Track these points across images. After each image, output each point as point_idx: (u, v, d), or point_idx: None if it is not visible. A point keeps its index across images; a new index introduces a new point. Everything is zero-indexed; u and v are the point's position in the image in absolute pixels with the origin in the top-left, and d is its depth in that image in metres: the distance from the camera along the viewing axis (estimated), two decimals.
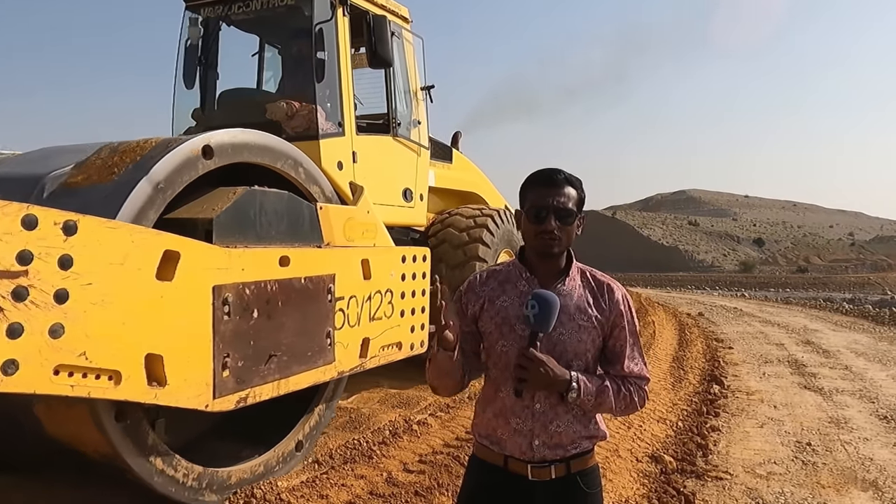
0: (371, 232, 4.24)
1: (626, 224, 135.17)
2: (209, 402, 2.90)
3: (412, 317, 4.43)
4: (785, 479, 4.46)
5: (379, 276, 4.04)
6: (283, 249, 3.34)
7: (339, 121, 5.13)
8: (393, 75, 5.89)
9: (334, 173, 4.86)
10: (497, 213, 7.04)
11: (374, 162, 5.47)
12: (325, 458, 4.19)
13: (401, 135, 5.94)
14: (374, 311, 4.02)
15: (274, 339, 3.24)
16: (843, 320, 16.81)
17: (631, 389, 1.79)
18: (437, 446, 4.54)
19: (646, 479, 4.31)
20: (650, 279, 67.05)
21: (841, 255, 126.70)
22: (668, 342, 11.00)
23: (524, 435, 1.75)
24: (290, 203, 3.66)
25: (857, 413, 6.38)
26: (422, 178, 6.32)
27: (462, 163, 7.83)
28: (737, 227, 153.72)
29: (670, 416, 5.96)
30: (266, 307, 3.19)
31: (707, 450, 5.01)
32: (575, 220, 1.76)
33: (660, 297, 27.02)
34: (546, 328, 1.67)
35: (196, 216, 3.19)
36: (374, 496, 3.66)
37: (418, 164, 6.24)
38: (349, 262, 3.85)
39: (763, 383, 7.79)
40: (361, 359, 3.93)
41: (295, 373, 3.38)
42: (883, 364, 9.38)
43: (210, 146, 3.23)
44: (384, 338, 4.13)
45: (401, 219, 5.98)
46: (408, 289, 4.35)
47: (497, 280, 1.86)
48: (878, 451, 5.16)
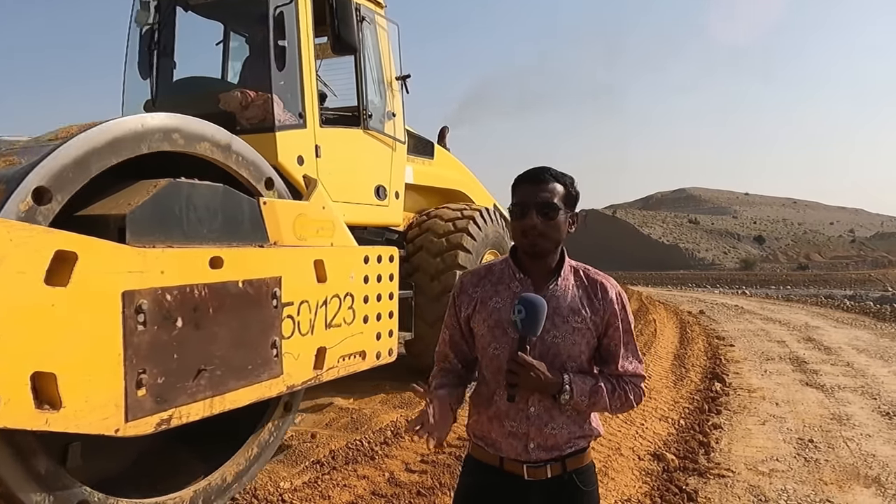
0: (327, 230, 3.84)
1: (627, 223, 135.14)
2: (120, 426, 2.49)
3: (377, 323, 4.06)
4: (787, 477, 4.46)
5: (336, 279, 3.67)
6: (215, 249, 2.94)
7: (300, 111, 4.74)
8: (363, 63, 5.49)
9: (294, 168, 4.53)
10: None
11: (342, 157, 5.12)
12: (327, 458, 4.19)
13: (372, 128, 5.53)
14: (330, 317, 3.63)
15: (204, 352, 2.83)
16: (845, 317, 16.81)
17: (626, 388, 1.77)
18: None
19: (648, 477, 4.31)
20: (651, 277, 67.04)
21: (842, 251, 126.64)
22: (669, 340, 11.00)
23: (519, 437, 1.75)
24: (227, 197, 3.21)
25: (859, 409, 6.37)
26: (397, 175, 5.90)
27: (445, 159, 7.44)
28: (737, 225, 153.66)
29: (672, 414, 5.96)
30: (193, 315, 2.77)
31: (709, 447, 5.01)
32: (559, 216, 1.74)
33: (661, 295, 27.02)
34: (534, 332, 1.66)
35: (108, 212, 2.77)
36: (376, 496, 3.66)
37: (393, 160, 5.83)
38: (299, 263, 3.46)
39: (765, 380, 7.79)
40: (317, 370, 3.54)
41: (232, 388, 2.98)
42: (885, 360, 9.38)
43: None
44: (344, 347, 3.74)
45: (373, 218, 5.62)
46: (372, 292, 4.00)
47: (490, 281, 1.84)
48: (880, 447, 5.15)
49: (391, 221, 5.95)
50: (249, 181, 3.48)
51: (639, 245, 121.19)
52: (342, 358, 3.75)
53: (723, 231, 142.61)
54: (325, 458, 4.18)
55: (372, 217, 5.57)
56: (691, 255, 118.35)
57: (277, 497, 3.56)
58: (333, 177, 4.85)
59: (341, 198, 4.91)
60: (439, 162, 7.19)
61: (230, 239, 3.16)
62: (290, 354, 3.34)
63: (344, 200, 4.96)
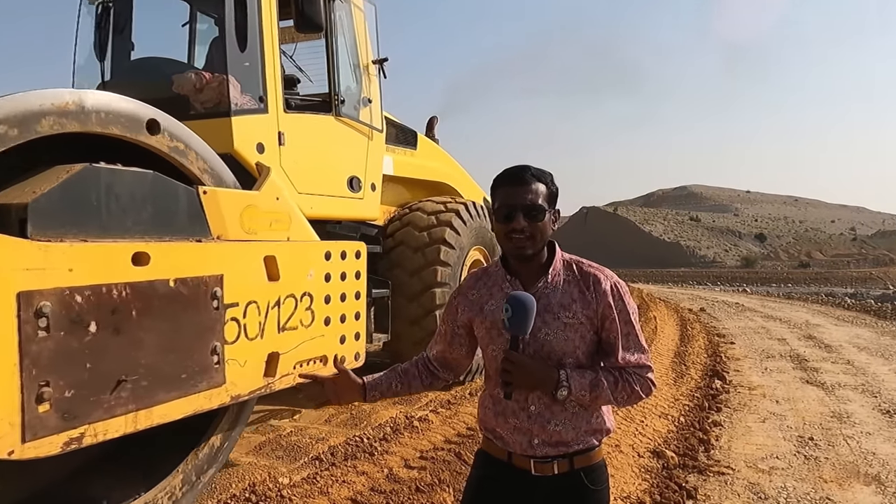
0: (282, 223, 3.50)
1: (628, 220, 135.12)
2: (15, 447, 2.17)
3: (341, 325, 3.74)
4: (787, 474, 4.45)
5: (292, 277, 3.36)
6: (140, 244, 2.62)
7: (261, 95, 4.39)
8: (335, 45, 5.11)
9: (253, 156, 4.20)
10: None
11: (310, 145, 4.76)
12: (326, 454, 4.18)
13: (345, 114, 5.13)
14: (285, 319, 3.31)
15: (126, 360, 2.51)
16: (845, 315, 16.80)
17: (630, 380, 1.74)
18: (438, 442, 4.53)
19: (648, 474, 4.30)
20: (652, 275, 67.00)
21: (843, 249, 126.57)
22: (669, 338, 10.99)
23: (524, 433, 1.75)
24: (158, 185, 2.83)
25: (860, 407, 6.36)
26: (374, 165, 5.51)
27: (429, 149, 7.04)
28: (738, 223, 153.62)
29: (672, 411, 5.95)
30: (112, 319, 2.46)
31: (709, 445, 5.00)
32: (545, 217, 1.73)
33: (661, 292, 27.03)
34: (523, 331, 1.65)
35: (8, 202, 2.42)
36: (375, 492, 3.66)
37: (369, 149, 5.43)
38: (246, 259, 3.11)
39: (765, 378, 7.78)
40: (268, 378, 3.22)
41: (162, 401, 2.67)
42: (885, 358, 9.37)
43: None
44: (301, 351, 3.43)
45: (346, 211, 5.23)
46: (335, 292, 3.68)
47: (486, 284, 1.85)
48: (880, 445, 5.14)
49: (367, 215, 5.58)
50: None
51: (640, 242, 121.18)
52: (299, 364, 3.41)
53: (724, 229, 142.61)
54: (324, 454, 4.17)
55: (345, 210, 5.22)
56: (692, 253, 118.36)
57: (276, 493, 3.55)
58: (300, 166, 4.55)
59: (309, 189, 4.62)
60: (423, 152, 6.82)
61: (162, 232, 2.82)
62: (235, 361, 3.01)
63: (312, 192, 4.67)
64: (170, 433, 2.84)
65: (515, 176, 1.74)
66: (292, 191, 4.39)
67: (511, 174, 1.76)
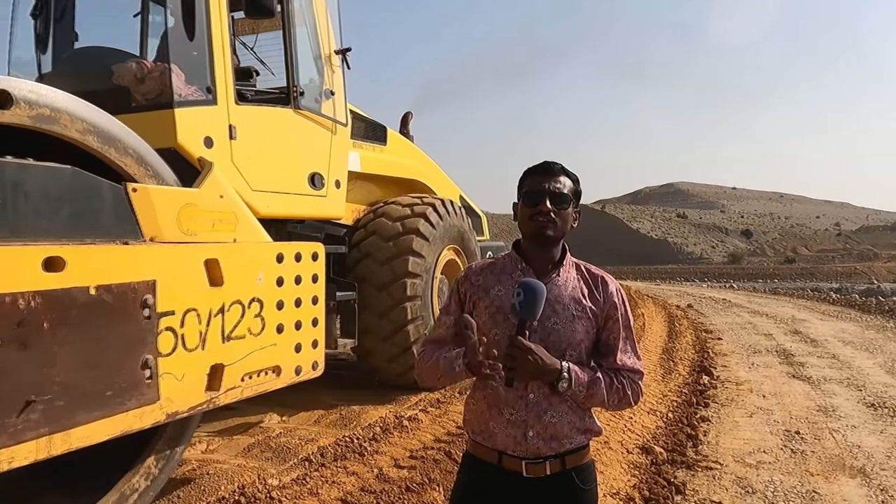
0: (227, 223, 3.25)
1: (616, 217, 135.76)
2: None
3: (297, 332, 3.49)
4: (774, 468, 4.49)
5: (237, 282, 3.11)
6: (54, 247, 2.34)
7: (208, 86, 4.08)
8: (293, 34, 4.82)
9: (200, 151, 3.90)
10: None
11: (266, 139, 4.49)
12: (315, 455, 4.17)
13: (305, 107, 4.84)
14: (230, 328, 3.06)
15: (36, 378, 2.25)
16: (831, 310, 16.97)
17: (624, 383, 1.78)
18: (428, 442, 4.53)
19: (636, 470, 4.32)
20: (640, 272, 67.35)
21: (828, 245, 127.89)
22: (657, 334, 11.05)
23: (518, 426, 1.74)
24: (77, 182, 2.57)
25: (845, 401, 6.43)
26: (338, 161, 5.20)
27: (401, 145, 6.76)
28: (725, 219, 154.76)
29: (660, 407, 5.99)
30: (17, 332, 2.19)
31: (697, 440, 5.04)
32: (570, 207, 1.79)
33: (649, 289, 27.17)
34: (533, 316, 1.67)
35: None
36: (365, 492, 3.65)
37: (333, 144, 5.13)
38: (183, 263, 2.85)
39: (752, 373, 7.85)
40: (211, 392, 2.97)
41: (83, 422, 2.41)
42: (870, 352, 9.48)
43: None
44: (250, 362, 3.18)
45: (308, 210, 4.93)
46: (288, 297, 3.44)
47: (493, 272, 1.87)
48: (865, 438, 5.20)
49: (331, 213, 5.25)
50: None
51: (628, 240, 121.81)
52: (248, 376, 3.18)
53: (711, 225, 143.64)
54: (313, 455, 4.16)
55: (306, 209, 4.91)
56: (680, 250, 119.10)
57: (265, 494, 3.54)
58: (254, 162, 4.28)
59: (264, 186, 4.37)
60: (393, 149, 6.53)
61: (84, 234, 2.56)
62: (171, 375, 2.76)
63: (268, 189, 4.41)
64: (104, 453, 2.63)
65: (545, 167, 1.83)
66: (245, 188, 4.16)
67: (542, 165, 1.84)
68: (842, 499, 3.98)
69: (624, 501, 3.81)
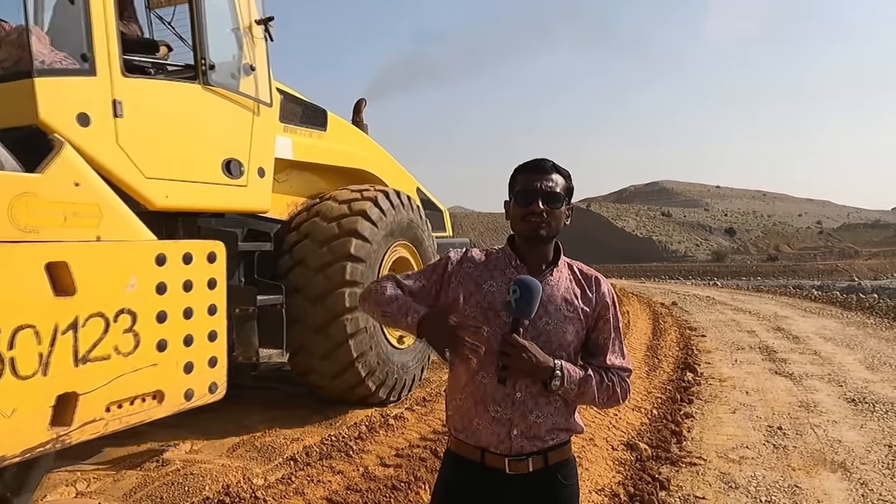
0: (85, 217, 2.73)
1: (601, 216, 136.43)
2: None
3: (186, 349, 3.00)
4: (757, 463, 4.54)
5: (98, 290, 2.60)
6: None
7: (84, 52, 3.43)
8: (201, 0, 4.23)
9: (72, 131, 3.25)
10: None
11: (164, 118, 3.90)
12: (300, 454, 4.15)
13: (218, 83, 4.22)
14: (87, 347, 2.55)
15: None
16: (813, 307, 17.18)
17: (613, 380, 1.79)
18: (414, 440, 4.53)
19: (621, 466, 4.35)
20: (625, 270, 67.76)
21: (810, 243, 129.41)
22: (642, 331, 11.13)
23: (502, 424, 1.74)
24: None
25: (826, 397, 6.52)
26: (262, 147, 4.57)
27: (344, 132, 6.09)
28: (709, 218, 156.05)
29: (645, 404, 6.03)
30: None
31: (681, 436, 5.08)
32: (562, 206, 1.78)
33: (634, 287, 27.34)
34: (528, 314, 1.66)
35: None
36: (351, 491, 3.64)
37: (255, 127, 4.51)
38: (13, 268, 2.36)
39: (735, 370, 7.92)
40: (58, 429, 2.46)
41: None
42: (850, 348, 9.60)
43: None
44: (118, 388, 2.67)
45: (222, 201, 4.31)
46: (174, 306, 2.94)
47: (486, 265, 1.85)
48: (846, 433, 5.27)
49: (253, 206, 4.62)
50: None
51: (613, 238, 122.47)
52: (115, 405, 2.66)
53: (695, 223, 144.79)
54: (298, 454, 4.14)
55: (219, 200, 4.28)
56: (664, 248, 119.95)
57: (250, 494, 3.52)
58: (148, 144, 3.71)
59: (161, 173, 3.79)
60: (335, 135, 5.83)
61: None
62: None
63: (166, 177, 3.82)
64: None
65: (537, 165, 1.81)
66: (136, 175, 3.59)
67: (533, 163, 1.82)
68: (823, 493, 4.03)
69: (609, 498, 3.83)
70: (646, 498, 3.81)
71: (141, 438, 4.26)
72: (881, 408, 6.03)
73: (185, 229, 4.18)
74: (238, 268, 4.61)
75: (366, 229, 5.02)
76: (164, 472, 3.76)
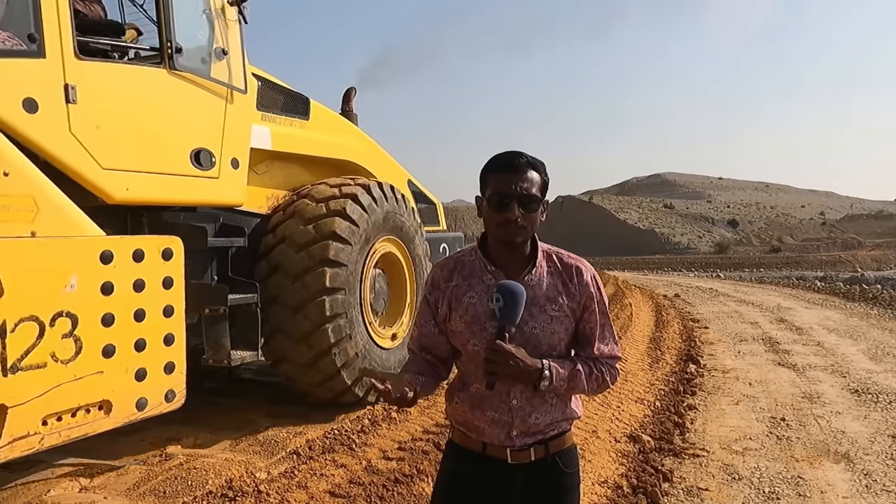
0: (18, 211, 2.55)
1: (603, 208, 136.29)
2: None
3: (138, 355, 2.83)
4: (760, 455, 4.54)
5: (31, 291, 2.42)
6: None
7: (31, 32, 3.18)
8: None
9: (15, 117, 3.01)
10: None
11: (126, 106, 3.63)
12: (303, 448, 4.15)
13: (186, 68, 3.94)
14: (17, 355, 2.36)
15: None
16: (816, 298, 17.15)
17: (603, 370, 1.78)
18: (417, 433, 4.53)
19: (624, 458, 4.35)
20: (627, 262, 67.71)
21: (813, 234, 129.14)
22: (645, 323, 11.12)
23: (502, 426, 1.74)
24: None
25: (829, 388, 6.50)
26: (236, 136, 4.28)
27: (329, 121, 5.74)
28: (711, 209, 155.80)
29: (648, 396, 6.02)
30: None
31: (684, 428, 5.08)
32: (539, 207, 1.70)
33: (637, 279, 27.32)
34: (513, 320, 1.62)
35: None
36: (353, 484, 3.64)
37: (228, 115, 4.24)
38: None
39: (738, 361, 7.92)
40: None
41: None
42: (854, 339, 9.59)
43: None
44: (56, 399, 2.48)
45: (191, 194, 4.04)
46: (123, 308, 2.77)
47: (461, 274, 1.79)
48: (849, 423, 5.26)
49: (225, 199, 4.31)
50: None
51: (615, 230, 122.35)
52: (54, 417, 2.47)
53: (697, 215, 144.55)
54: (301, 448, 4.15)
55: (188, 193, 4.01)
56: (667, 240, 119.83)
57: (253, 488, 3.52)
58: (106, 133, 3.44)
59: (122, 164, 3.54)
60: (319, 124, 5.48)
61: None
62: None
63: (127, 168, 3.57)
64: None
65: (510, 162, 1.69)
66: (91, 166, 3.36)
67: (505, 160, 1.70)
68: (826, 484, 4.02)
69: (612, 489, 3.83)
70: (649, 490, 3.81)
71: (144, 433, 4.27)
72: (884, 398, 6.02)
73: (152, 225, 3.89)
74: (210, 265, 4.36)
75: (345, 230, 4.70)
76: (167, 467, 3.76)
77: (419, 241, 5.78)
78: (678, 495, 3.86)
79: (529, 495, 1.74)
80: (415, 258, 5.70)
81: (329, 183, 5.11)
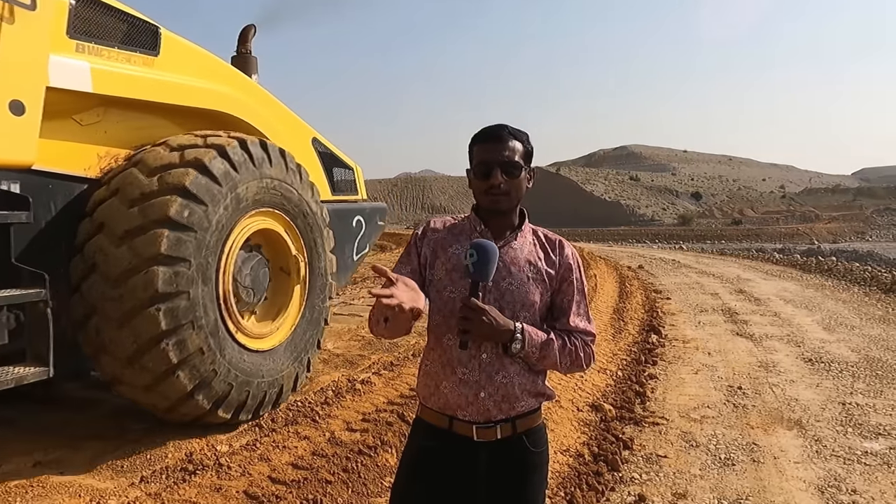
0: None
1: (570, 180, 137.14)
2: None
3: None
4: (717, 422, 4.66)
5: None
6: None
7: None
8: None
9: None
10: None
11: None
12: (266, 420, 4.12)
13: None
14: None
15: None
16: (774, 269, 17.60)
17: (577, 344, 1.79)
18: (381, 404, 4.53)
19: (586, 427, 4.42)
20: (593, 234, 68.50)
21: (773, 207, 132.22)
22: (609, 295, 11.26)
23: (470, 386, 1.74)
24: None
25: (785, 357, 6.70)
26: (17, 70, 3.16)
27: (190, 59, 4.44)
28: (676, 182, 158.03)
29: (610, 366, 6.12)
30: None
31: (645, 397, 5.18)
32: (522, 173, 1.78)
33: (602, 251, 27.65)
34: (485, 277, 1.67)
35: None
36: (317, 456, 3.63)
37: (5, 40, 3.11)
38: None
39: (698, 331, 8.09)
40: None
41: None
42: (809, 310, 9.88)
43: None
44: None
45: None
46: None
47: (452, 232, 1.86)
48: (802, 391, 5.44)
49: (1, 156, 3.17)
50: None
51: (582, 202, 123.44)
52: None
53: (662, 188, 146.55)
54: (264, 420, 4.11)
55: None
56: (632, 212, 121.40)
57: (214, 461, 3.48)
58: None
59: None
60: (173, 62, 4.24)
61: None
62: None
63: None
64: None
65: (493, 133, 1.78)
66: None
67: (488, 132, 1.79)
68: (779, 449, 4.15)
69: (574, 458, 3.90)
70: (609, 457, 3.88)
71: (98, 408, 4.18)
72: (836, 367, 6.23)
73: None
74: None
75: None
76: (124, 441, 3.70)
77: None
78: (638, 462, 3.94)
79: (494, 473, 1.75)
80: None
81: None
